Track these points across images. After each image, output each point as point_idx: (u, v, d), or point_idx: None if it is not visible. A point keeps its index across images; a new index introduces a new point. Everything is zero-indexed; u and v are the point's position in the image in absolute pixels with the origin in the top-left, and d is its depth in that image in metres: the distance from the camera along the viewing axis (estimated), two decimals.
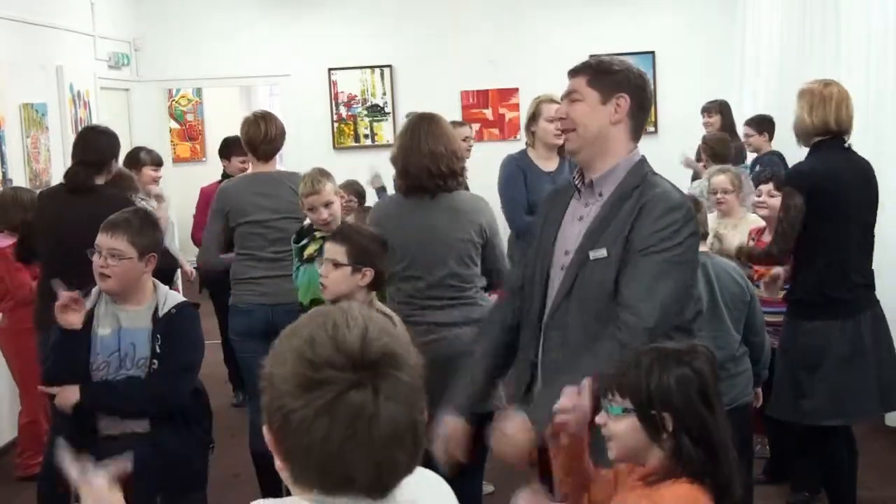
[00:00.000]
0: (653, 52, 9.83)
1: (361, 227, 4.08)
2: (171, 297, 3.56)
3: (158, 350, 3.46)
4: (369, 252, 3.57)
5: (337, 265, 3.54)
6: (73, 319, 3.46)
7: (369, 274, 3.54)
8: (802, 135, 4.38)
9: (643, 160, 2.93)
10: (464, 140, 6.69)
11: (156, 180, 6.53)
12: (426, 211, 3.93)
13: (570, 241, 2.90)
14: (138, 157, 6.65)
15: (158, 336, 3.47)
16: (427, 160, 3.87)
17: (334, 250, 3.56)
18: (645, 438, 2.20)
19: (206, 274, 6.31)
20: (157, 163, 6.63)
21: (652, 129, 9.79)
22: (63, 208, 4.90)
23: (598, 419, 2.28)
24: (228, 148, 6.93)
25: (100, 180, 4.96)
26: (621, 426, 2.22)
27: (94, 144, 5.00)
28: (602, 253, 2.81)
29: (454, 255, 3.95)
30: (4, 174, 6.59)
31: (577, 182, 2.96)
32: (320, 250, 4.24)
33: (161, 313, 3.49)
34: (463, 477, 4.12)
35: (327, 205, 4.32)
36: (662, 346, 2.34)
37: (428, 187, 3.90)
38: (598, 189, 2.89)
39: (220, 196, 5.09)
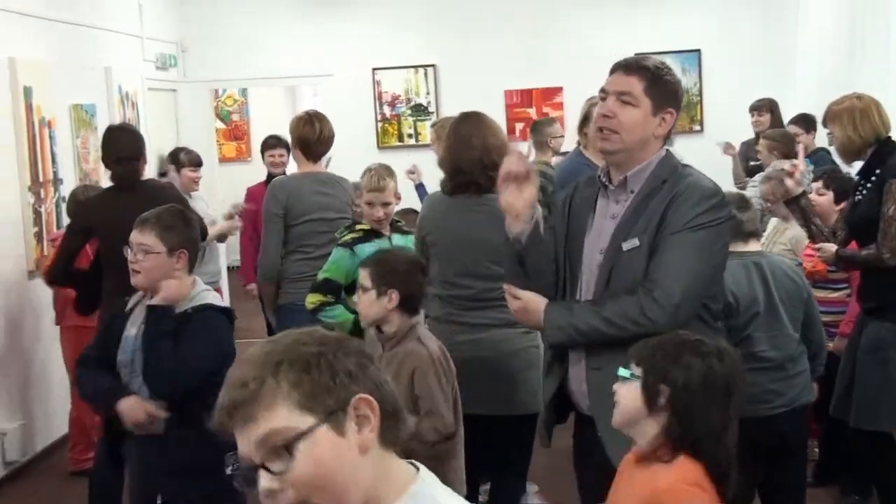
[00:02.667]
0: (698, 51, 9.75)
1: (396, 250, 4.00)
2: (199, 299, 3.50)
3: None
4: (394, 273, 3.44)
5: (364, 290, 3.47)
6: None
7: (395, 297, 3.41)
8: (851, 152, 4.26)
9: (669, 153, 2.92)
10: (557, 138, 6.67)
11: (195, 181, 6.58)
12: (469, 211, 3.93)
13: (604, 240, 2.90)
14: (178, 158, 6.73)
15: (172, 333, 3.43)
16: (479, 153, 3.88)
17: (361, 274, 3.52)
18: (642, 407, 2.35)
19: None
20: (196, 163, 6.69)
21: (697, 127, 9.73)
22: (113, 207, 4.98)
23: (615, 386, 2.42)
24: (262, 145, 7.07)
25: (141, 175, 5.04)
26: (625, 389, 2.38)
27: (126, 141, 5.07)
28: (634, 243, 2.81)
29: (494, 257, 3.94)
30: (55, 174, 6.68)
31: (604, 180, 2.94)
32: (358, 239, 4.27)
33: (181, 310, 3.45)
34: (508, 477, 4.16)
35: (385, 204, 4.34)
36: (690, 336, 2.45)
37: (481, 182, 3.89)
38: (631, 186, 2.88)
39: (276, 193, 5.07)
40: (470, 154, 3.89)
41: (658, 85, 2.85)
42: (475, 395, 3.68)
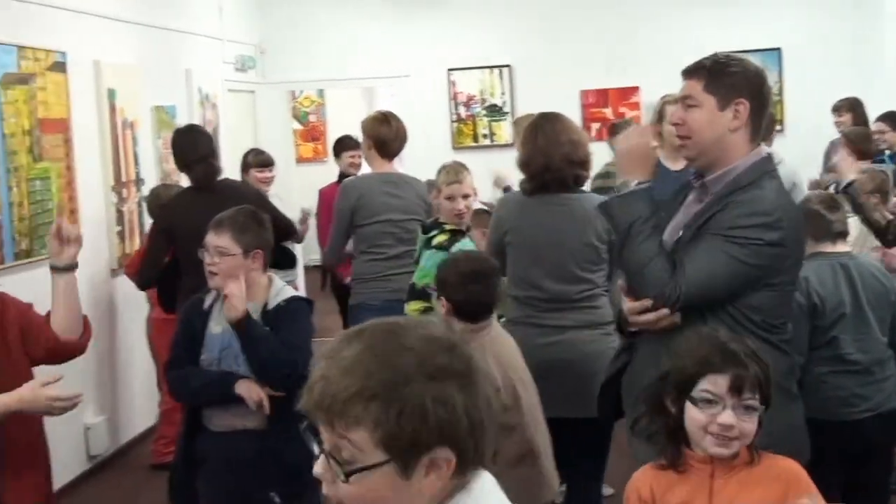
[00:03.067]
0: (779, 49, 9.59)
1: (463, 256, 3.84)
2: (284, 293, 3.58)
3: None
4: (444, 282, 3.47)
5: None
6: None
7: (445, 304, 3.42)
8: None
9: (764, 160, 2.84)
10: None
11: (263, 181, 6.63)
12: (550, 212, 3.92)
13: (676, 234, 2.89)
14: (246, 160, 6.81)
15: (268, 328, 3.49)
16: (568, 148, 3.88)
17: None
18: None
19: (334, 273, 6.40)
20: (263, 164, 6.73)
21: (778, 127, 9.55)
22: (191, 207, 5.07)
23: (728, 419, 2.30)
24: (339, 145, 7.06)
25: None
26: (755, 422, 2.30)
27: (201, 142, 5.18)
28: (680, 234, 2.80)
29: (574, 258, 3.92)
30: (138, 174, 6.82)
31: (695, 182, 2.92)
32: (450, 240, 4.27)
33: (271, 307, 3.52)
34: (584, 480, 4.13)
35: (465, 196, 4.36)
36: (722, 337, 2.42)
37: (568, 179, 3.90)
38: (712, 189, 2.84)
39: (347, 193, 5.13)
40: (560, 150, 3.88)
41: (719, 79, 2.79)
42: (555, 397, 3.67)
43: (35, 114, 5.54)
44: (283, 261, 5.21)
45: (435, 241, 4.35)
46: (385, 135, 5.14)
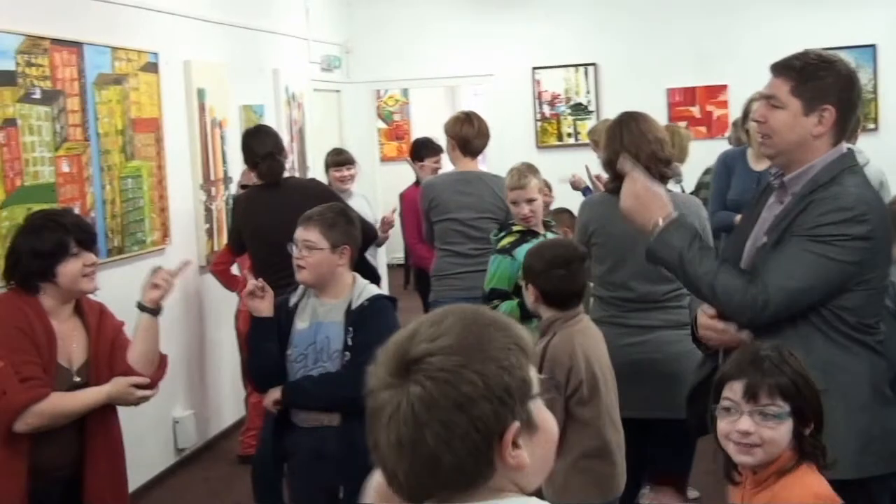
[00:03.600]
0: (873, 46, 9.33)
1: (548, 244, 3.91)
2: (368, 291, 3.62)
3: (350, 342, 3.53)
4: (530, 269, 3.52)
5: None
6: (261, 307, 3.61)
7: (532, 290, 3.47)
8: None
9: (844, 156, 2.77)
10: None
11: (341, 180, 6.68)
12: None
13: (758, 239, 2.84)
14: (326, 159, 6.90)
15: (350, 329, 3.53)
16: (655, 146, 3.87)
17: None
18: (790, 438, 2.24)
19: (417, 268, 6.46)
20: (340, 163, 6.77)
21: (872, 126, 9.30)
22: (257, 204, 5.17)
23: (744, 425, 2.25)
24: (420, 150, 6.97)
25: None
26: (781, 430, 2.23)
27: (268, 140, 5.29)
28: (763, 240, 2.75)
29: None
30: (226, 172, 6.94)
31: (774, 182, 2.87)
32: (515, 243, 4.27)
33: (354, 306, 3.56)
34: (669, 481, 4.08)
35: (529, 201, 4.36)
36: (761, 346, 2.36)
37: (655, 175, 3.87)
38: (791, 189, 2.79)
39: (425, 192, 5.29)
40: (647, 148, 3.86)
41: (807, 83, 2.72)
42: (639, 398, 3.65)
43: (128, 113, 5.68)
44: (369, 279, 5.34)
45: (499, 245, 4.37)
46: (467, 133, 5.21)
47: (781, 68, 2.78)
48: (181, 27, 6.42)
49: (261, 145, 5.26)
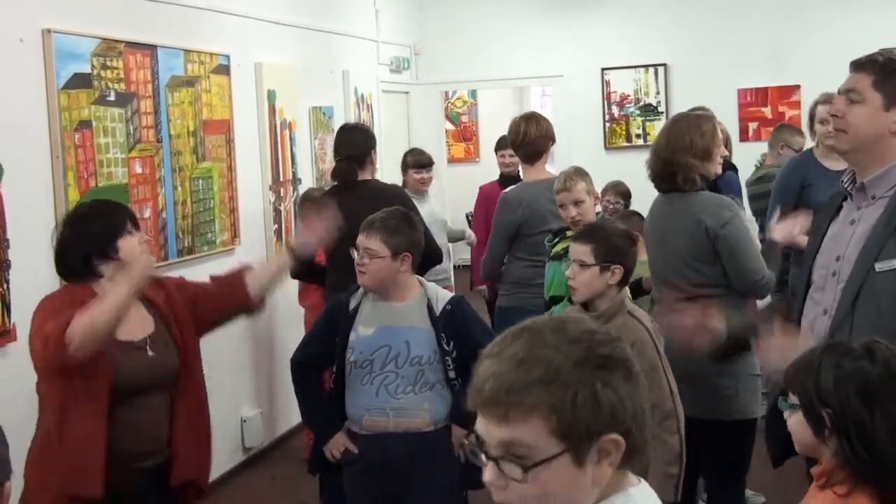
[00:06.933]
0: None
1: (609, 224, 4.03)
2: (441, 296, 3.62)
3: (450, 346, 3.52)
4: (617, 249, 3.45)
5: (584, 265, 3.44)
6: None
7: (618, 272, 3.42)
8: None
9: None
10: (789, 148, 6.42)
11: (420, 181, 6.70)
12: (671, 212, 3.92)
13: (841, 246, 2.76)
14: (405, 160, 6.91)
15: (444, 335, 3.52)
16: (687, 146, 3.87)
17: (580, 250, 3.47)
18: (812, 435, 2.15)
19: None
20: (420, 164, 6.78)
21: None
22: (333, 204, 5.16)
23: (786, 416, 2.25)
24: (499, 143, 7.11)
25: (365, 175, 5.11)
26: (792, 421, 2.21)
27: (351, 140, 5.18)
28: (892, 264, 2.62)
29: (681, 258, 3.88)
30: (294, 174, 7.01)
31: (847, 186, 2.80)
32: (566, 250, 4.25)
33: (437, 312, 3.55)
34: (722, 484, 4.00)
35: (577, 203, 4.35)
36: (838, 342, 2.25)
37: (677, 177, 3.90)
38: (871, 192, 2.72)
39: (511, 206, 5.07)
40: (678, 148, 3.87)
41: (890, 77, 2.69)
42: (689, 397, 3.62)
43: (199, 115, 5.76)
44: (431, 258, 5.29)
45: (553, 251, 4.37)
46: (512, 137, 5.16)
47: (863, 64, 2.75)
48: (252, 29, 6.50)
49: (341, 145, 5.19)
